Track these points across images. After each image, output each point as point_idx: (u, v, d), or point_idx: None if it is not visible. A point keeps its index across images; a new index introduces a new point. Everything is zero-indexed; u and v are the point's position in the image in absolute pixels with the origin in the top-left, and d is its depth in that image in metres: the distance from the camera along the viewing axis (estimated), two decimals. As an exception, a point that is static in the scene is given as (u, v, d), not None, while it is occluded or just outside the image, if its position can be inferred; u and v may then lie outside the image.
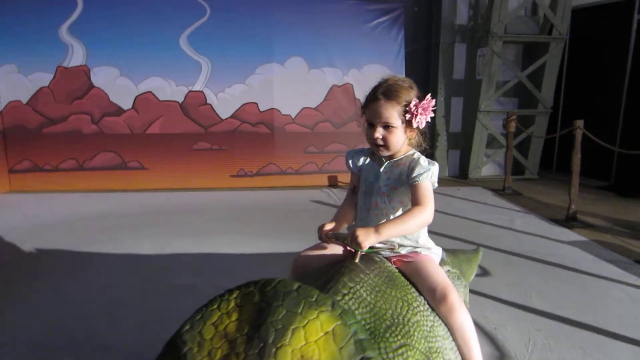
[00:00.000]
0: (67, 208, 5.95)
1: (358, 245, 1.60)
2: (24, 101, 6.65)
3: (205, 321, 1.25)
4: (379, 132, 1.82)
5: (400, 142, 1.84)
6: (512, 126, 6.95)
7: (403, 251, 1.83)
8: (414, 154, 1.89)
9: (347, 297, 1.47)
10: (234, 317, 1.24)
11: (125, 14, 6.73)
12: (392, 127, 1.81)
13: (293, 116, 7.30)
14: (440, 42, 8.15)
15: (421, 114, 1.80)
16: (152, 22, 6.79)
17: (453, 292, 1.67)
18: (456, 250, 2.75)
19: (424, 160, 1.84)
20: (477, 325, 2.70)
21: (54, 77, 6.65)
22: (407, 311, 1.55)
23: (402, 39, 7.44)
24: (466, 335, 1.67)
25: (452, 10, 8.09)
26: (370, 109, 1.84)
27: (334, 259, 1.85)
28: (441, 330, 1.63)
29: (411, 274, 1.78)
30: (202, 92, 7.00)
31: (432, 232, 1.96)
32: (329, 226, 1.88)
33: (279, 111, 7.24)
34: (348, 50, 7.26)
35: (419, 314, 1.58)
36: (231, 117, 7.13)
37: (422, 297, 1.70)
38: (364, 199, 1.93)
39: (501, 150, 8.15)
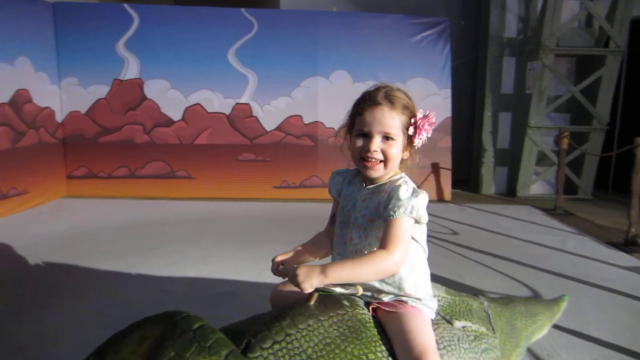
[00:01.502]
0: (118, 214, 6.20)
1: (297, 286, 1.33)
2: (83, 111, 7.02)
3: (109, 350, 1.15)
4: (377, 144, 1.53)
5: (398, 159, 1.57)
6: (565, 143, 6.70)
7: (385, 298, 1.51)
8: (399, 179, 1.56)
9: (276, 347, 1.23)
10: (137, 349, 1.13)
11: (177, 30, 7.00)
12: (393, 139, 1.53)
13: (337, 129, 7.31)
14: (487, 56, 8.00)
15: (425, 130, 1.54)
16: (202, 38, 7.03)
17: (432, 359, 1.34)
18: (529, 300, 2.26)
19: (404, 190, 1.47)
20: (529, 351, 2.61)
21: (111, 89, 6.99)
22: None
23: (449, 53, 7.36)
24: None
25: (500, 22, 7.94)
26: (368, 115, 1.55)
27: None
28: None
29: (390, 327, 1.44)
30: (248, 104, 7.16)
31: (476, 250, 1.89)
32: (283, 257, 1.63)
33: (323, 124, 7.30)
34: (392, 64, 7.25)
35: None
36: (276, 129, 7.25)
37: (391, 359, 1.38)
38: (340, 230, 1.62)
39: (552, 168, 7.86)
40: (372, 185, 1.57)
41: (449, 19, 7.43)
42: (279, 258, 1.62)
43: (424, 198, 1.48)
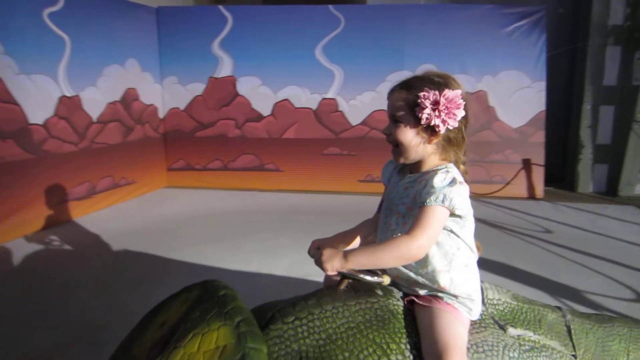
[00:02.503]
0: (213, 203, 6.63)
1: (320, 267, 1.36)
2: (182, 108, 7.56)
3: (159, 310, 1.30)
4: (387, 128, 1.47)
5: (414, 147, 1.44)
6: (676, 137, 6.13)
7: (422, 292, 1.47)
8: (442, 169, 1.44)
9: (297, 322, 1.29)
10: (179, 309, 1.25)
11: (267, 28, 7.30)
12: (399, 121, 1.44)
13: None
14: (588, 45, 7.48)
15: (441, 110, 1.35)
16: (290, 35, 7.28)
17: (455, 357, 1.27)
18: (637, 322, 1.95)
19: (439, 178, 1.37)
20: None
21: (206, 86, 7.45)
22: None
23: (544, 43, 6.99)
24: None
25: (604, 9, 7.38)
26: (388, 101, 1.51)
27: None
28: None
29: (421, 321, 1.40)
30: (334, 99, 7.31)
31: (572, 249, 1.82)
32: (323, 242, 1.61)
33: (408, 118, 7.26)
34: (482, 56, 7.03)
35: None
36: (361, 123, 7.33)
37: (415, 353, 1.34)
38: (384, 217, 1.58)
39: (660, 164, 7.22)
40: (415, 174, 1.49)
41: (545, 7, 7.05)
42: (318, 242, 1.62)
43: (462, 189, 1.36)
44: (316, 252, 1.44)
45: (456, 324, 1.37)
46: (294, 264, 4.13)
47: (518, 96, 7.04)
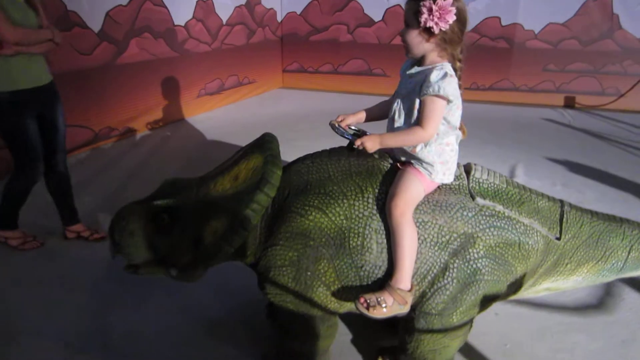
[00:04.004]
0: (323, 104, 7.27)
1: (361, 146, 1.73)
2: (298, 12, 8.03)
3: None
4: (402, 30, 1.76)
5: (416, 44, 1.72)
6: None
7: (403, 158, 1.82)
8: (436, 67, 1.72)
9: (308, 163, 1.86)
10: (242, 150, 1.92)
11: None
12: (408, 26, 1.71)
13: (536, 31, 7.11)
14: None
15: (433, 14, 1.63)
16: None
17: (406, 207, 1.66)
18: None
19: (435, 75, 1.68)
20: None
21: (322, -10, 7.81)
22: (352, 196, 1.72)
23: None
24: (399, 251, 1.67)
25: None
26: None
27: None
28: (373, 229, 1.71)
29: (395, 177, 1.78)
30: (446, 4, 7.31)
31: None
32: (347, 117, 1.95)
33: (522, 26, 7.13)
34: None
35: (358, 203, 1.72)
36: (472, 30, 7.32)
37: (384, 197, 1.74)
38: (393, 98, 1.90)
39: None
40: (419, 67, 1.77)
41: None
42: (348, 119, 1.95)
43: (452, 80, 1.67)
44: (354, 133, 1.87)
45: (414, 182, 1.73)
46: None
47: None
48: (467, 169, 1.92)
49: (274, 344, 2.09)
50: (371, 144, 1.72)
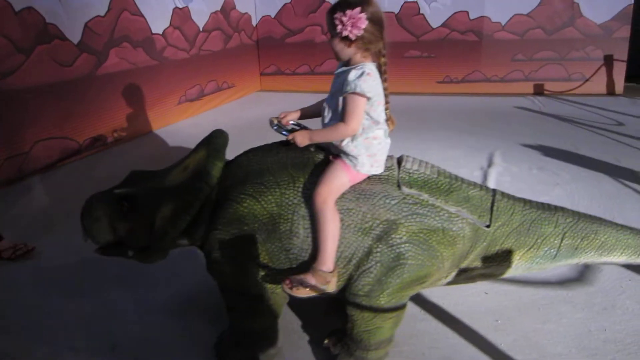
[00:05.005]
0: (301, 104, 7.31)
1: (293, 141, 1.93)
2: (272, 15, 8.15)
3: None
4: (329, 40, 1.90)
5: (340, 51, 1.87)
6: None
7: (334, 152, 1.95)
8: (357, 67, 1.85)
9: (250, 155, 2.02)
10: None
11: None
12: (332, 36, 1.86)
13: (503, 23, 7.39)
14: None
15: (345, 24, 1.78)
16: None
17: (326, 196, 1.80)
18: (604, 222, 2.08)
19: (353, 74, 1.81)
20: None
21: (295, -7, 7.94)
22: (284, 185, 1.87)
23: None
24: (322, 235, 1.80)
25: None
26: None
27: None
28: (300, 215, 1.84)
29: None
30: (416, 2, 7.54)
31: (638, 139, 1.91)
32: (289, 114, 2.11)
33: (489, 18, 7.40)
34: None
35: (289, 192, 1.86)
36: (442, 25, 7.57)
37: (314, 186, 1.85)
38: (326, 98, 2.03)
39: None
40: (344, 68, 1.91)
41: None
42: (290, 116, 2.10)
43: (368, 78, 1.79)
44: (288, 129, 2.02)
45: (339, 172, 1.86)
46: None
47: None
48: (399, 161, 2.03)
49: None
50: (301, 139, 1.90)
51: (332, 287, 1.84)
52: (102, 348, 2.26)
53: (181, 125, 6.47)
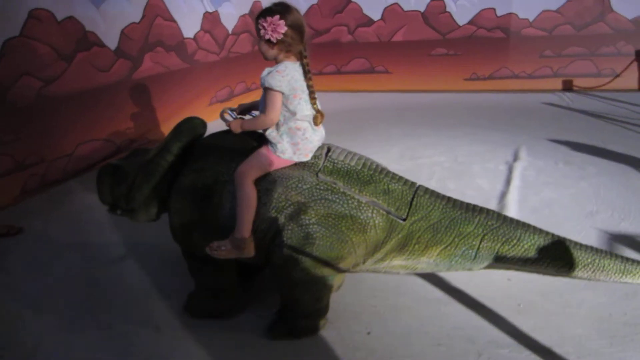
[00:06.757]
0: (329, 104, 7.35)
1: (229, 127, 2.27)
2: (299, 17, 8.31)
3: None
4: (258, 43, 2.15)
5: (265, 52, 2.11)
6: None
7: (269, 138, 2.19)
8: (277, 65, 2.10)
9: (208, 138, 2.33)
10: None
11: None
12: (259, 39, 2.10)
13: (531, 19, 7.35)
14: None
15: (266, 29, 2.01)
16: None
17: (245, 173, 2.05)
18: (538, 232, 2.06)
19: (265, 72, 2.09)
20: None
21: (322, -6, 8.10)
22: (222, 164, 2.14)
23: None
24: (238, 207, 2.04)
25: None
26: None
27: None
28: (228, 190, 2.10)
29: None
30: (442, 0, 7.58)
31: None
32: (241, 105, 2.48)
33: (517, 15, 7.37)
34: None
35: (223, 170, 2.13)
36: (468, 23, 7.59)
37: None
38: None
39: None
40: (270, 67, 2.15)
41: None
42: (230, 106, 2.45)
43: (276, 75, 2.04)
44: (229, 120, 2.35)
45: (260, 155, 2.13)
46: (405, 149, 4.96)
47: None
48: (328, 150, 2.24)
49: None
50: (234, 127, 2.23)
51: (247, 252, 2.10)
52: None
53: (212, 125, 6.55)
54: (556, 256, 2.02)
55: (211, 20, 6.83)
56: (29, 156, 4.35)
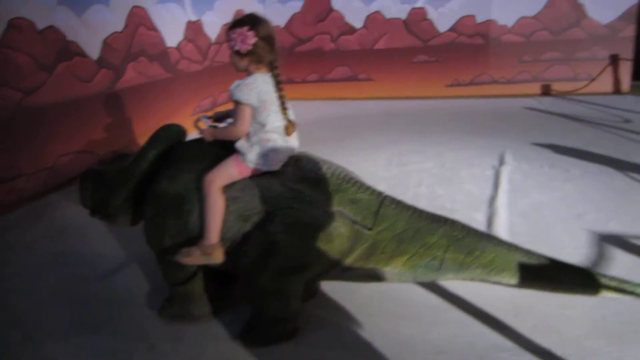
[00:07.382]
0: (314, 112, 7.51)
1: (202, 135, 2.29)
2: (282, 25, 8.33)
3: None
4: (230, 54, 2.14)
5: (236, 63, 2.13)
6: None
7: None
8: (246, 78, 2.11)
9: (182, 146, 2.34)
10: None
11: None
12: (230, 48, 2.11)
13: (509, 26, 7.51)
14: None
15: (236, 40, 2.03)
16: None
17: (213, 180, 2.06)
18: (501, 243, 2.11)
19: (234, 84, 2.09)
20: None
21: (304, 3, 8.13)
22: (192, 172, 2.15)
23: None
24: (205, 214, 2.06)
25: None
26: None
27: None
28: (197, 199, 2.10)
29: None
30: (423, 8, 7.69)
31: None
32: (216, 114, 2.43)
33: (496, 22, 7.52)
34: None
35: (193, 178, 2.13)
36: (449, 30, 7.70)
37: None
38: None
39: None
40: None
41: None
42: (204, 115, 2.43)
43: (244, 89, 2.05)
44: (202, 127, 2.34)
45: (229, 164, 2.13)
46: (392, 155, 4.99)
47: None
48: (297, 159, 2.22)
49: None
50: (207, 135, 2.26)
51: (216, 259, 2.10)
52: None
53: (196, 135, 6.60)
54: (518, 267, 2.05)
55: (194, 29, 6.79)
56: (8, 170, 4.24)
